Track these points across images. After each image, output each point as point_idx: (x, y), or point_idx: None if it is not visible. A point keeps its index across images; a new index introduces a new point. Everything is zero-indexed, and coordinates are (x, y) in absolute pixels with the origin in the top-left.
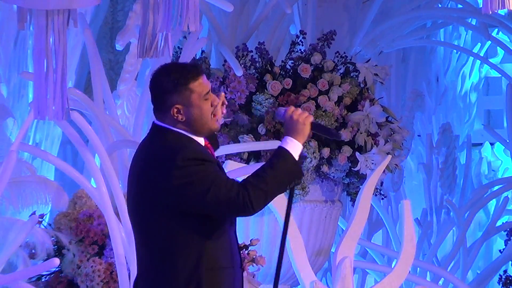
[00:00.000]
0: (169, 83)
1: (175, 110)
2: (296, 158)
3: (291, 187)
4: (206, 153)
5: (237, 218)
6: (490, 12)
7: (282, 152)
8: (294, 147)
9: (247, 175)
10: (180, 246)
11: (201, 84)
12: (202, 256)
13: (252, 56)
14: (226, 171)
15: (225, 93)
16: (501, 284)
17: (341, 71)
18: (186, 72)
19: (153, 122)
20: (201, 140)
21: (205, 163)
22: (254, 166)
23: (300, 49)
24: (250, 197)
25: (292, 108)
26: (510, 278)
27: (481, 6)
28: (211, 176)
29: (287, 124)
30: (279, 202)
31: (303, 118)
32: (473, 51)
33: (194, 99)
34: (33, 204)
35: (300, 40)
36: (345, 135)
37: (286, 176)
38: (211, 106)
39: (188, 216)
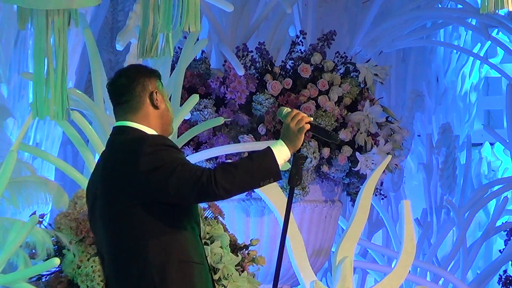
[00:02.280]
0: (146, 69)
1: (155, 94)
2: (280, 161)
3: (264, 184)
4: (173, 142)
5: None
6: (492, 12)
7: (265, 150)
8: (281, 151)
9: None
10: (150, 236)
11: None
12: (174, 247)
13: (252, 56)
14: None
15: (225, 93)
16: (501, 284)
17: (341, 71)
18: (154, 70)
19: (114, 126)
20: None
21: (172, 149)
22: None
23: (300, 49)
24: (216, 177)
25: (293, 112)
26: (510, 278)
27: (481, 6)
28: (178, 160)
29: (283, 128)
30: (279, 202)
31: (299, 126)
32: (473, 51)
33: (163, 93)
34: (33, 204)
35: (300, 40)
36: (345, 135)
37: (260, 171)
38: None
39: (156, 206)
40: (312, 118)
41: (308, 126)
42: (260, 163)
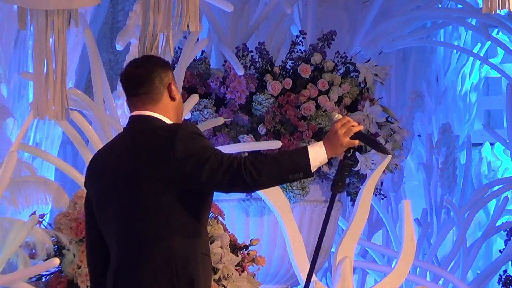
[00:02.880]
0: (163, 61)
1: (173, 86)
2: (313, 160)
3: (293, 179)
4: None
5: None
6: (493, 12)
7: (300, 147)
8: (317, 152)
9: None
10: (177, 226)
11: None
12: (197, 240)
13: (252, 56)
14: None
15: (225, 93)
16: (501, 284)
17: (341, 71)
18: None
19: (132, 115)
20: None
21: (204, 138)
22: None
23: (300, 49)
24: (246, 164)
25: (344, 119)
26: (510, 278)
27: (481, 6)
28: (211, 149)
29: (330, 131)
30: (279, 202)
31: (342, 132)
32: (473, 51)
33: (177, 85)
34: (33, 204)
35: (300, 40)
36: None
37: (289, 164)
38: None
39: (187, 196)
40: (363, 127)
41: (360, 128)
42: (290, 156)
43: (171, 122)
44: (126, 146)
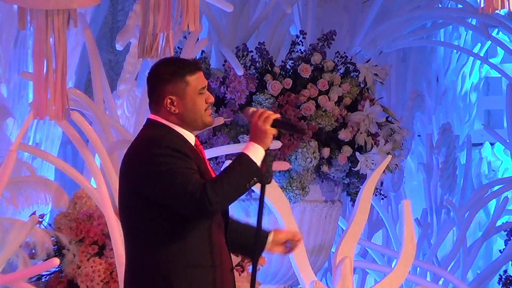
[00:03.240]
0: (166, 73)
1: (168, 100)
2: (257, 161)
3: (250, 186)
4: (185, 148)
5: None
6: (491, 12)
7: (239, 156)
8: (255, 151)
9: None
10: (159, 238)
11: (198, 79)
12: (179, 252)
13: (252, 56)
14: None
15: (225, 93)
16: (501, 284)
17: (341, 71)
18: (184, 65)
19: (148, 117)
20: (191, 137)
21: (181, 156)
22: None
23: (300, 49)
24: (208, 195)
25: (258, 111)
26: (510, 278)
27: (481, 6)
28: (180, 171)
29: (251, 127)
30: (279, 202)
31: (262, 122)
32: (473, 51)
33: (189, 92)
34: (33, 204)
35: (300, 40)
36: (345, 135)
37: (243, 177)
38: (205, 103)
39: (164, 208)
40: (279, 115)
41: (274, 116)
42: (238, 172)
43: (176, 127)
44: (123, 158)
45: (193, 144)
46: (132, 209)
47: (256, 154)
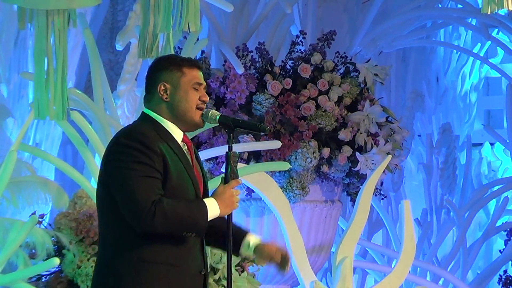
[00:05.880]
0: (164, 62)
1: (162, 87)
2: (208, 219)
3: (187, 234)
4: (161, 144)
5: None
6: (490, 12)
7: (202, 204)
8: (213, 210)
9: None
10: (118, 230)
11: (195, 73)
12: (135, 245)
13: (252, 56)
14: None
15: (225, 93)
16: (501, 284)
17: (341, 71)
18: (184, 59)
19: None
20: (178, 133)
21: (149, 154)
22: (255, 166)
23: (300, 49)
24: (155, 216)
25: (233, 184)
26: (510, 278)
27: (481, 6)
28: (141, 175)
29: (223, 191)
30: (279, 202)
31: (233, 200)
32: (473, 51)
33: (183, 82)
34: (33, 204)
35: (300, 40)
36: (345, 135)
37: (190, 226)
38: (199, 99)
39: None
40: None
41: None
42: (193, 219)
43: (165, 121)
44: None
45: (179, 141)
46: (98, 198)
47: (213, 213)
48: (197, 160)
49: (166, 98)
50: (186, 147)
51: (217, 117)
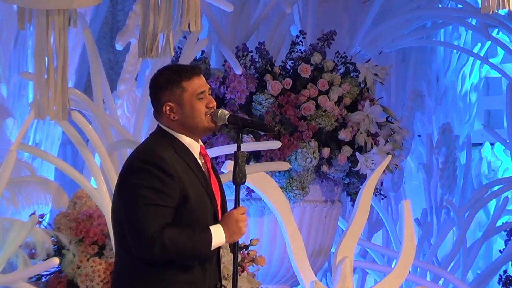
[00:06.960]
0: (163, 81)
1: (167, 108)
2: (213, 247)
3: (189, 261)
4: (172, 166)
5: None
6: (491, 12)
7: (206, 235)
8: (218, 238)
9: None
10: (124, 244)
11: (195, 84)
12: (154, 265)
13: (252, 56)
14: (225, 171)
15: (225, 93)
16: (501, 284)
17: (341, 71)
18: (180, 71)
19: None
20: (195, 147)
21: (163, 178)
22: (255, 166)
23: (300, 49)
24: (155, 246)
25: (242, 210)
26: (510, 278)
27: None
28: (150, 203)
29: (230, 218)
30: (279, 202)
31: (240, 226)
32: (473, 51)
33: (186, 98)
34: (33, 204)
35: (300, 40)
36: (345, 135)
37: (191, 257)
38: (206, 107)
39: None
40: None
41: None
42: (196, 249)
43: (177, 134)
44: None
45: (197, 155)
46: (114, 213)
47: (218, 241)
48: (214, 171)
49: (174, 117)
50: (203, 160)
51: (227, 117)
